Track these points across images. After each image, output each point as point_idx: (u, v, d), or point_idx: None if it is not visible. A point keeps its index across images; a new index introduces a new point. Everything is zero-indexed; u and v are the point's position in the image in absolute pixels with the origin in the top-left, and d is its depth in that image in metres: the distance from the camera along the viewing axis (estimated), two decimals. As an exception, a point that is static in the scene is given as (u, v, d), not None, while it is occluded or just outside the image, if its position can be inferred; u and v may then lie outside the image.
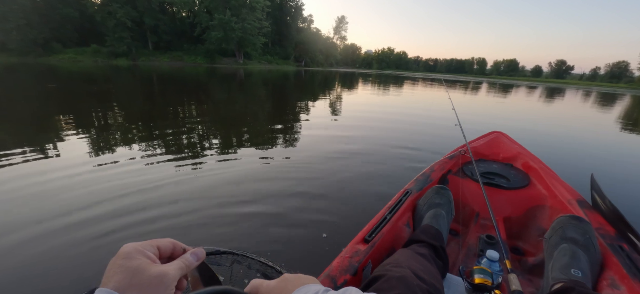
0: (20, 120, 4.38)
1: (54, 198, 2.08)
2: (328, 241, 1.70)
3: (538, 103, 12.26)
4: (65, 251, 1.55)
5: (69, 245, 1.59)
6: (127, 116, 5.11)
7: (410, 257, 0.84)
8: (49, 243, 1.60)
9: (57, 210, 1.91)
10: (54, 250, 1.55)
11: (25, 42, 27.40)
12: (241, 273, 1.04)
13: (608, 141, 5.37)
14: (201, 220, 1.90)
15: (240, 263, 1.08)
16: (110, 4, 30.76)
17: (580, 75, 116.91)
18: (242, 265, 1.07)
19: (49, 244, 1.59)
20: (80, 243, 1.61)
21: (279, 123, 5.14)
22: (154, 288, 0.31)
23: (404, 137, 4.49)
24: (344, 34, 74.07)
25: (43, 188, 2.21)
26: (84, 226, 1.76)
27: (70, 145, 3.26)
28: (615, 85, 69.48)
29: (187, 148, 3.40)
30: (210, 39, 36.25)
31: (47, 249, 1.55)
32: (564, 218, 1.01)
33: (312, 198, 2.26)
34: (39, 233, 1.68)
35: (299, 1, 51.65)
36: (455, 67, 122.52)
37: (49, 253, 1.53)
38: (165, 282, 0.32)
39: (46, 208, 1.94)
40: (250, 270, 1.07)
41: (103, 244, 1.61)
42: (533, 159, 1.74)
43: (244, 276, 1.03)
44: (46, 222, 1.78)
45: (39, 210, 1.91)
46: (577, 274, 0.83)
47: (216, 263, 1.03)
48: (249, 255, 1.08)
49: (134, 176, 2.49)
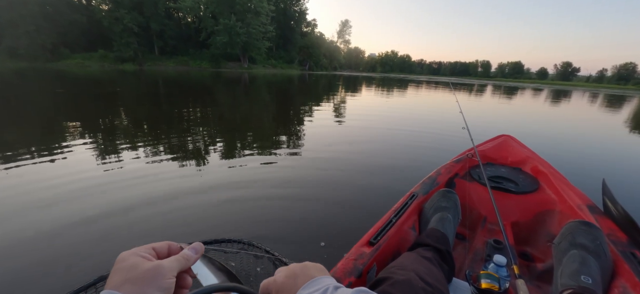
0: (34, 123, 4.46)
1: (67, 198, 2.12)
2: (326, 249, 1.69)
3: (545, 105, 12.13)
4: (67, 248, 1.57)
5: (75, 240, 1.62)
6: (135, 118, 5.17)
7: (415, 260, 0.83)
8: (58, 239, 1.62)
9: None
10: (57, 245, 1.57)
11: (34, 47, 27.95)
12: (252, 262, 1.05)
13: (620, 145, 5.24)
14: (192, 222, 1.92)
15: (247, 252, 1.09)
16: (117, 10, 31.31)
17: (586, 77, 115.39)
18: (249, 254, 1.08)
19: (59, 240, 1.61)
20: (88, 236, 1.64)
21: (283, 127, 5.16)
22: (149, 280, 0.32)
23: (409, 140, 4.47)
24: (347, 38, 74.41)
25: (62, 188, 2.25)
26: (92, 222, 1.79)
27: (80, 149, 3.31)
28: (623, 87, 68.44)
29: (189, 151, 3.42)
30: (216, 44, 36.64)
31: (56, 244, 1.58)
32: (574, 224, 0.99)
33: (312, 203, 2.24)
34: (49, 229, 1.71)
35: (303, 6, 52.02)
36: (460, 70, 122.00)
37: (53, 248, 1.55)
38: (161, 272, 0.33)
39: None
40: (257, 259, 1.08)
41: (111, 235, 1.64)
42: (542, 163, 1.71)
43: (255, 264, 1.03)
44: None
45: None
46: (587, 281, 0.81)
47: (222, 251, 1.05)
48: (255, 244, 1.09)
49: (144, 173, 2.53)
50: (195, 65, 36.44)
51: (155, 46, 36.92)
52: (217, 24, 36.13)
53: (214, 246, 1.07)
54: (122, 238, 1.73)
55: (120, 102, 7.20)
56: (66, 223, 1.83)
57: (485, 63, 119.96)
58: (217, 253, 1.06)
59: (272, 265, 1.05)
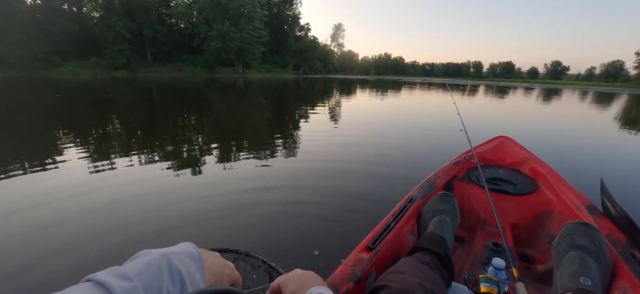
0: (39, 134, 4.37)
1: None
2: (320, 257, 1.66)
3: (539, 104, 12.26)
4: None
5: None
6: (128, 125, 5.11)
7: (413, 266, 0.81)
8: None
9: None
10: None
11: (25, 56, 27.59)
12: (248, 270, 1.04)
13: (617, 144, 5.21)
14: (185, 230, 1.89)
15: (244, 262, 1.07)
16: (109, 17, 31.11)
17: (576, 76, 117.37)
18: (246, 263, 1.07)
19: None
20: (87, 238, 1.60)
21: (278, 133, 5.13)
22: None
23: (406, 143, 4.46)
24: (341, 41, 74.92)
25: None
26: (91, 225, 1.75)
27: (71, 156, 3.25)
28: (612, 85, 69.73)
29: (182, 158, 3.38)
30: (210, 49, 36.55)
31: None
32: (572, 225, 0.98)
33: (307, 210, 2.20)
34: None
35: (296, 10, 52.31)
36: (452, 71, 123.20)
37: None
38: None
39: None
40: (254, 268, 1.06)
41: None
42: (540, 164, 1.71)
43: (251, 272, 1.02)
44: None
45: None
46: (587, 282, 0.81)
47: None
48: (252, 254, 1.08)
49: (145, 177, 2.49)
50: (189, 71, 36.26)
51: (148, 52, 36.70)
52: (210, 30, 36.09)
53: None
54: (115, 244, 1.69)
55: (113, 109, 7.11)
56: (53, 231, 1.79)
57: (477, 64, 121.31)
58: None
59: (267, 275, 1.03)
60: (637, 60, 68.44)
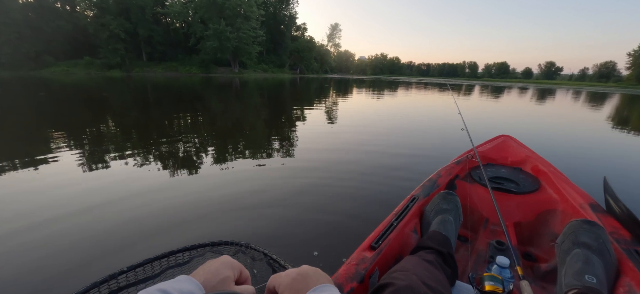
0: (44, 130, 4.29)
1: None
2: (320, 258, 1.63)
3: (536, 104, 12.35)
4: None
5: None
6: (122, 124, 5.04)
7: (417, 264, 0.81)
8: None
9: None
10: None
11: (17, 56, 27.21)
12: (248, 263, 1.02)
13: (619, 142, 5.22)
14: (183, 228, 1.88)
15: (244, 254, 1.06)
16: (103, 16, 30.77)
17: (569, 76, 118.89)
18: (246, 256, 1.05)
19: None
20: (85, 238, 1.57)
21: (275, 132, 5.10)
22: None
23: (406, 143, 4.43)
24: (337, 41, 74.96)
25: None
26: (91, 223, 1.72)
27: (66, 155, 3.20)
28: (605, 85, 70.88)
29: (181, 157, 3.34)
30: (205, 49, 36.35)
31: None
32: (576, 223, 0.98)
33: (305, 210, 2.19)
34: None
35: (293, 10, 52.27)
36: (448, 71, 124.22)
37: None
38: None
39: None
40: (254, 261, 1.05)
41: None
42: (542, 162, 1.71)
43: (251, 266, 1.01)
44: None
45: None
46: (592, 280, 0.80)
47: (218, 252, 1.02)
48: (252, 246, 1.07)
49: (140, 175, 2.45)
50: (184, 71, 36.04)
51: (143, 52, 36.41)
52: (206, 29, 35.88)
53: (209, 249, 1.05)
54: (114, 241, 1.68)
55: (107, 109, 7.03)
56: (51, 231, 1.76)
57: (473, 64, 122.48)
58: (213, 254, 1.03)
59: (270, 268, 1.02)
60: (629, 61, 69.68)
